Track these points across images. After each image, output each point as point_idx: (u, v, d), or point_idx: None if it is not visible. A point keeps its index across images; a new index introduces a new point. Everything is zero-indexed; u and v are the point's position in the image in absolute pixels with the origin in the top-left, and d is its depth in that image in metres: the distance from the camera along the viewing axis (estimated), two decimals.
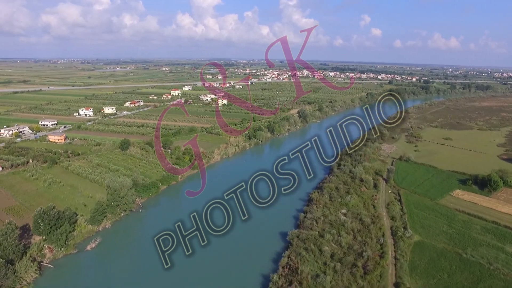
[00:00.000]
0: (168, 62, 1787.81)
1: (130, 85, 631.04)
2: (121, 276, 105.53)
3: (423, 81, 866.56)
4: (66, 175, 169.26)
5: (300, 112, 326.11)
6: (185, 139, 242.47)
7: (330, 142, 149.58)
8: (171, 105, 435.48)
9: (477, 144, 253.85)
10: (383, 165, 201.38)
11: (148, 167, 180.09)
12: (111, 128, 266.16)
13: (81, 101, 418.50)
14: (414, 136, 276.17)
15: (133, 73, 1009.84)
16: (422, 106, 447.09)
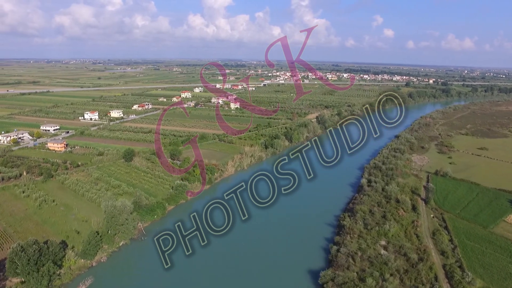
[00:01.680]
0: (179, 63, 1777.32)
1: (140, 87, 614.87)
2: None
3: (440, 83, 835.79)
4: (61, 191, 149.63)
5: (319, 118, 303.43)
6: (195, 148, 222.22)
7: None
8: (170, 107, 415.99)
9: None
10: (418, 181, 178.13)
11: (153, 182, 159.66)
12: (116, 135, 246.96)
13: (88, 104, 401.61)
14: (445, 145, 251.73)
15: (143, 74, 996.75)
16: (446, 111, 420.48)
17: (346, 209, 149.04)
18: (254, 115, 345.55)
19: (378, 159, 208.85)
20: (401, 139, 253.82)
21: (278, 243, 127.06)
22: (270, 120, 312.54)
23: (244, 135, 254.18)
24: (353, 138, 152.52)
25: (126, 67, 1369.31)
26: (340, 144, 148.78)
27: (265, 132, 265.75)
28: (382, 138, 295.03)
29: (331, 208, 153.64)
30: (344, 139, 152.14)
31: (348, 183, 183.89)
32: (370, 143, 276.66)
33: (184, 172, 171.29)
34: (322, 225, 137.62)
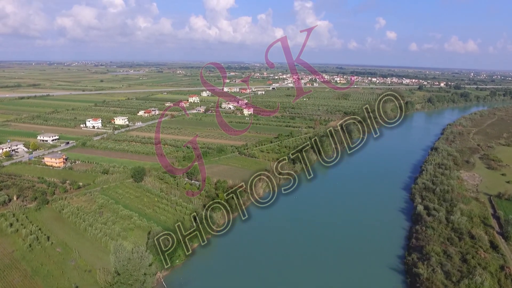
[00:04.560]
0: (181, 65, 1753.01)
1: (144, 90, 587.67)
2: None
3: (453, 87, 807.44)
4: (59, 224, 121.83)
5: (344, 126, 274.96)
6: (213, 163, 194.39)
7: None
8: (170, 107, 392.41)
9: None
10: (483, 207, 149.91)
11: (171, 211, 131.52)
12: (122, 146, 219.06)
13: (90, 109, 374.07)
14: (491, 159, 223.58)
15: (146, 76, 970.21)
16: (474, 118, 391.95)
17: (410, 247, 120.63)
18: (270, 122, 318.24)
19: (426, 177, 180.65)
20: (442, 152, 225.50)
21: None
22: (291, 129, 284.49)
23: (267, 147, 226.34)
24: (387, 148, 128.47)
25: (128, 69, 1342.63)
26: (375, 155, 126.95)
27: (288, 143, 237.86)
28: (415, 149, 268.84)
29: (388, 243, 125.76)
30: (377, 149, 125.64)
31: (397, 208, 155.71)
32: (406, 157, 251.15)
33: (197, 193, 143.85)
34: (384, 270, 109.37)
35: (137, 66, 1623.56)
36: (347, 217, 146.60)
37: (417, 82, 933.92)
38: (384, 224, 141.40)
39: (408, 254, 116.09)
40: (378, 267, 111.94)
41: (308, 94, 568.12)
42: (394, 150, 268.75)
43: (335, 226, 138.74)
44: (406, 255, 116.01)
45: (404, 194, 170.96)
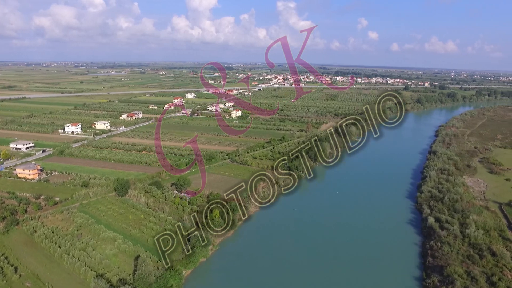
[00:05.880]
0: (164, 66, 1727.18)
1: (126, 92, 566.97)
2: None
3: (438, 87, 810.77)
4: (30, 250, 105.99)
5: (339, 129, 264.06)
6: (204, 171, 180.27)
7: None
8: (167, 109, 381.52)
9: None
10: (496, 217, 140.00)
11: (159, 230, 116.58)
12: (104, 155, 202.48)
13: (69, 112, 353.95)
14: (492, 162, 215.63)
15: (128, 77, 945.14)
16: (465, 118, 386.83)
17: (427, 266, 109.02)
18: (260, 126, 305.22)
19: (430, 185, 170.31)
20: (442, 156, 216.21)
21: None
22: (282, 132, 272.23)
23: (259, 153, 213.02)
24: (383, 151, 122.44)
25: (110, 70, 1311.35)
26: (372, 158, 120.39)
27: (281, 148, 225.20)
28: (412, 152, 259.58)
29: (401, 262, 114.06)
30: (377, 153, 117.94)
31: (404, 220, 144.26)
32: (403, 161, 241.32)
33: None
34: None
35: (118, 67, 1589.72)
36: (350, 233, 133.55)
37: (402, 82, 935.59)
38: (393, 239, 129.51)
39: (426, 275, 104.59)
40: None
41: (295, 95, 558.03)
42: (390, 153, 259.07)
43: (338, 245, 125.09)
44: (424, 276, 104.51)
45: (410, 204, 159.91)
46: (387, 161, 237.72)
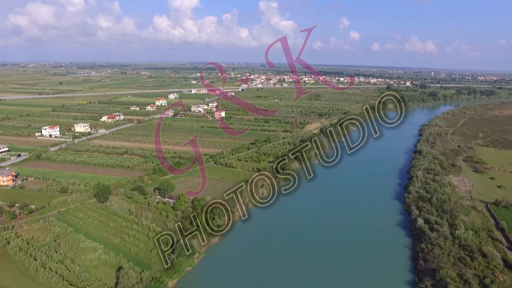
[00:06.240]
0: (146, 66, 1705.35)
1: (107, 93, 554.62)
2: None
3: (419, 86, 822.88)
4: (2, 264, 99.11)
5: (324, 130, 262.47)
6: (187, 175, 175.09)
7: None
8: (168, 108, 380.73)
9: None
10: (483, 217, 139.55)
11: (143, 240, 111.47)
12: (83, 158, 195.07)
13: (47, 115, 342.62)
14: (476, 161, 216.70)
15: (109, 78, 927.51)
16: (447, 117, 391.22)
17: (419, 270, 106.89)
18: (244, 126, 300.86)
19: (417, 185, 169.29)
20: (427, 156, 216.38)
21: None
22: (267, 133, 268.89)
23: (244, 155, 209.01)
24: (368, 150, 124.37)
25: (90, 70, 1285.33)
26: (357, 158, 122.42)
27: (266, 149, 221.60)
28: (397, 152, 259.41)
29: (392, 266, 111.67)
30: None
31: (393, 222, 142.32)
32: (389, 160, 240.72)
33: None
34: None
35: (99, 67, 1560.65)
36: (338, 237, 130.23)
37: (383, 82, 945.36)
38: (383, 242, 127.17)
39: (418, 279, 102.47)
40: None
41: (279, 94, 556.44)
42: (375, 152, 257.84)
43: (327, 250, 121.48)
44: (416, 280, 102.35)
45: (397, 205, 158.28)
46: (372, 161, 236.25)
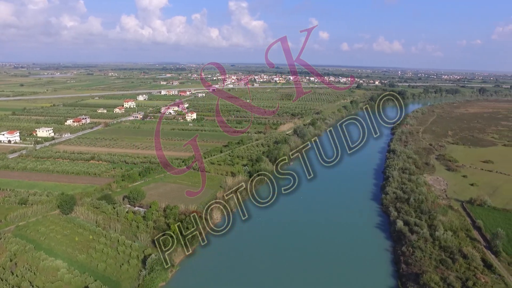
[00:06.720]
0: (114, 67, 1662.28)
1: (73, 95, 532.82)
2: None
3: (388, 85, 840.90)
4: None
5: (298, 131, 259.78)
6: (158, 181, 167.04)
7: None
8: (168, 108, 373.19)
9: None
10: (460, 217, 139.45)
11: (111, 254, 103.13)
12: (46, 166, 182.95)
13: (6, 119, 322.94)
14: (448, 159, 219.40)
15: (75, 79, 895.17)
16: (417, 116, 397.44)
17: (401, 274, 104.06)
18: (216, 128, 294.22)
19: (394, 185, 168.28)
20: (401, 155, 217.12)
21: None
22: (240, 135, 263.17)
23: (217, 158, 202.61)
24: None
25: (54, 71, 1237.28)
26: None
27: (240, 152, 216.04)
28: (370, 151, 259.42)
29: (374, 271, 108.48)
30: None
31: (372, 224, 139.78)
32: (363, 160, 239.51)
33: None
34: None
35: (64, 68, 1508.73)
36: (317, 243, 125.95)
37: (353, 81, 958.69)
38: (363, 246, 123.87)
39: (401, 284, 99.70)
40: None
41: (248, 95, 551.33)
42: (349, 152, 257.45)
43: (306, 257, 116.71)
44: (399, 285, 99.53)
45: (375, 206, 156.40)
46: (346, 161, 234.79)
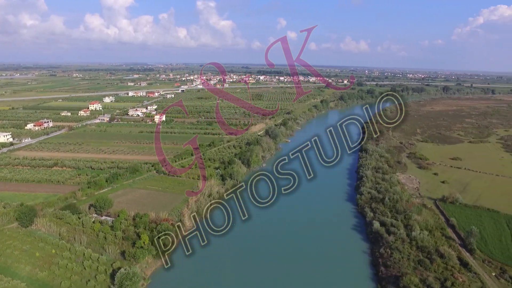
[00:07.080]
0: (78, 67, 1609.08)
1: (34, 97, 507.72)
2: None
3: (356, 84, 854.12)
4: None
5: (270, 131, 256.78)
6: (127, 187, 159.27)
7: None
8: (168, 108, 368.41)
9: (492, 165, 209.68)
10: (434, 215, 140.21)
11: (76, 270, 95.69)
12: (3, 174, 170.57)
13: None
14: (419, 157, 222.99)
15: (36, 80, 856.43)
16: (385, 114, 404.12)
17: (381, 277, 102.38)
18: (187, 130, 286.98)
19: (368, 185, 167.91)
20: (374, 154, 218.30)
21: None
22: (211, 137, 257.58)
23: (188, 161, 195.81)
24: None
25: (13, 72, 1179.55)
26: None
27: (211, 154, 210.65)
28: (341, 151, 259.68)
29: (352, 275, 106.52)
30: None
31: (349, 226, 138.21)
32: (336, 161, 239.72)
33: None
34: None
35: (24, 69, 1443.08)
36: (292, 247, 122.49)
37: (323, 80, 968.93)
38: (340, 249, 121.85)
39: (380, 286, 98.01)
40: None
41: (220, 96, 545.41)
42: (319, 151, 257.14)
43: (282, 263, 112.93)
44: None
45: (350, 207, 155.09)
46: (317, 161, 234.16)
